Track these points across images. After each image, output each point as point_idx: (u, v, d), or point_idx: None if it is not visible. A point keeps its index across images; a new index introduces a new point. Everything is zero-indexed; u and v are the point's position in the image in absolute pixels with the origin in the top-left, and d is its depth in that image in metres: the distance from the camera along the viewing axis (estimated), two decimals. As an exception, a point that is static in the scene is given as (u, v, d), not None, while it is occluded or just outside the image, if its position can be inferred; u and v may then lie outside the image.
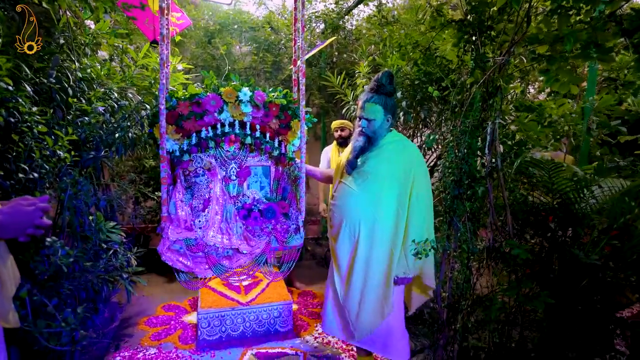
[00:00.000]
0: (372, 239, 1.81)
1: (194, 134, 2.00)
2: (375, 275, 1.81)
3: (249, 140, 2.10)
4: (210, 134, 2.02)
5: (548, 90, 3.23)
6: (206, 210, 2.01)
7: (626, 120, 2.78)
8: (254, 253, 2.08)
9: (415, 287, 1.99)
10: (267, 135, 2.14)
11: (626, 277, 1.94)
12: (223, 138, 2.09)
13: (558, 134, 2.06)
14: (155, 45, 2.52)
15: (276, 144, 2.17)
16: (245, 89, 1.99)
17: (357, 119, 1.92)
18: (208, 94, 1.95)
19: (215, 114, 1.96)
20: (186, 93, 1.96)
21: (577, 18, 1.63)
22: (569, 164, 2.14)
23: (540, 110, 1.98)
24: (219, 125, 2.02)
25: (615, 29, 1.45)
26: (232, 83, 2.03)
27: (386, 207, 1.79)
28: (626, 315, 2.84)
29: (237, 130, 2.05)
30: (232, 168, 2.19)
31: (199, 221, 2.00)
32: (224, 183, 2.14)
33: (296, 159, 2.28)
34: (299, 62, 2.11)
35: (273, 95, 2.09)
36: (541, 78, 3.04)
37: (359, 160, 1.90)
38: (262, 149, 2.18)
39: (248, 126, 2.08)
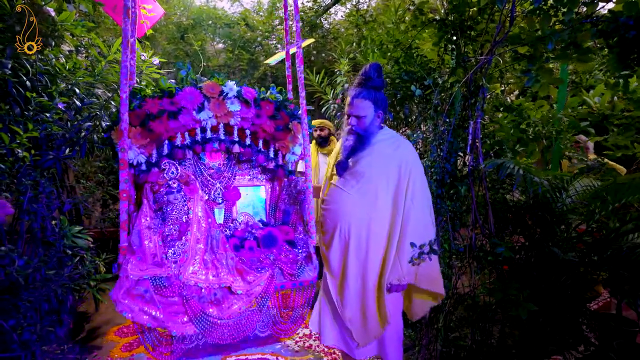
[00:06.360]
0: (368, 244, 1.68)
1: (166, 142, 1.54)
2: (371, 282, 1.68)
3: (236, 148, 1.66)
4: (188, 141, 1.56)
5: (517, 92, 3.34)
6: (183, 237, 1.52)
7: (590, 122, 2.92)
8: (253, 293, 1.54)
9: (417, 293, 1.82)
10: (260, 142, 1.70)
11: (598, 273, 2.01)
12: (204, 147, 1.63)
13: (536, 135, 2.11)
14: (139, 41, 2.34)
15: (272, 153, 1.73)
16: (231, 83, 1.60)
17: (345, 116, 1.76)
18: (184, 88, 1.56)
19: (194, 113, 1.54)
20: (156, 89, 1.58)
21: (555, 20, 1.67)
22: (538, 168, 2.20)
23: (519, 110, 2.01)
24: (198, 130, 1.57)
25: (592, 30, 1.49)
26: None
27: (382, 210, 1.67)
28: (593, 308, 2.99)
29: (221, 137, 1.61)
30: (216, 189, 1.73)
31: (174, 253, 1.48)
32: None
33: (297, 173, 1.87)
34: (294, 49, 1.70)
35: (265, 93, 1.72)
36: (512, 80, 3.15)
37: (350, 160, 1.73)
38: (253, 160, 1.74)
39: (236, 131, 1.64)
